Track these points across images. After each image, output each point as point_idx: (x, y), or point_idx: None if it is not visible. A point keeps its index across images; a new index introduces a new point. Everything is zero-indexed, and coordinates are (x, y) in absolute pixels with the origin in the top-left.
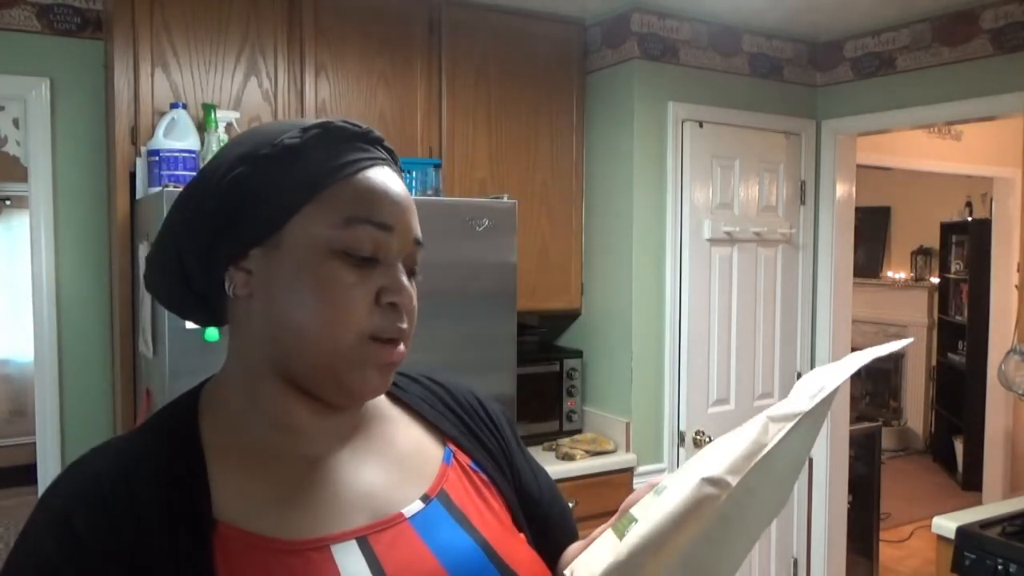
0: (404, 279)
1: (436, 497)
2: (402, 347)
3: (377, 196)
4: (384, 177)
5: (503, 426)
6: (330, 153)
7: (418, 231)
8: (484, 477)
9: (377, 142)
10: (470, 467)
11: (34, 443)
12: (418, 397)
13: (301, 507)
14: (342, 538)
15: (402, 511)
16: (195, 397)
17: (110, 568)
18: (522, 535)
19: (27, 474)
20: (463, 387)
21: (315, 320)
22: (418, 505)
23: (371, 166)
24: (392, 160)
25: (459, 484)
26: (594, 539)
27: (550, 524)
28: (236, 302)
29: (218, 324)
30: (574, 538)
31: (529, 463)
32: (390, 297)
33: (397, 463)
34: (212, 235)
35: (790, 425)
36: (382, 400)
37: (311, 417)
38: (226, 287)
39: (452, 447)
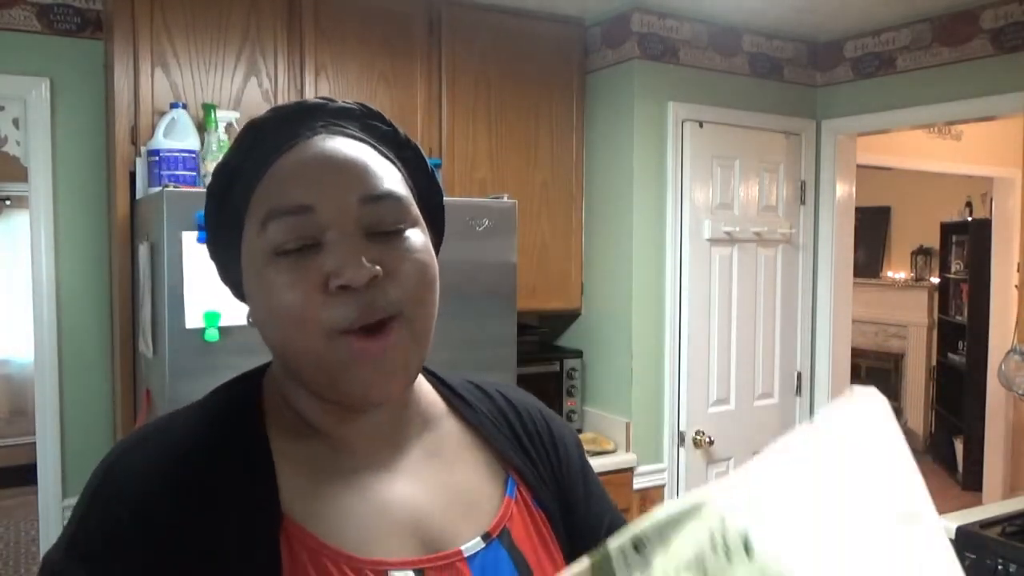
0: (354, 251)
1: (498, 537)
2: (393, 330)
3: (287, 179)
4: (304, 152)
5: (570, 457)
6: (257, 154)
7: (370, 187)
8: (544, 515)
9: (314, 112)
10: (532, 503)
11: (34, 443)
12: (487, 418)
13: (357, 523)
14: (401, 567)
15: (461, 548)
16: (258, 386)
17: (180, 548)
18: None
19: (27, 474)
20: (533, 406)
21: (279, 332)
22: (478, 544)
23: (290, 148)
24: (344, 122)
25: (521, 524)
26: None
27: None
28: (251, 327)
29: None
30: None
31: (591, 505)
32: (337, 281)
33: (456, 490)
34: (220, 272)
35: None
36: (443, 414)
37: (348, 426)
38: (247, 318)
39: (516, 479)
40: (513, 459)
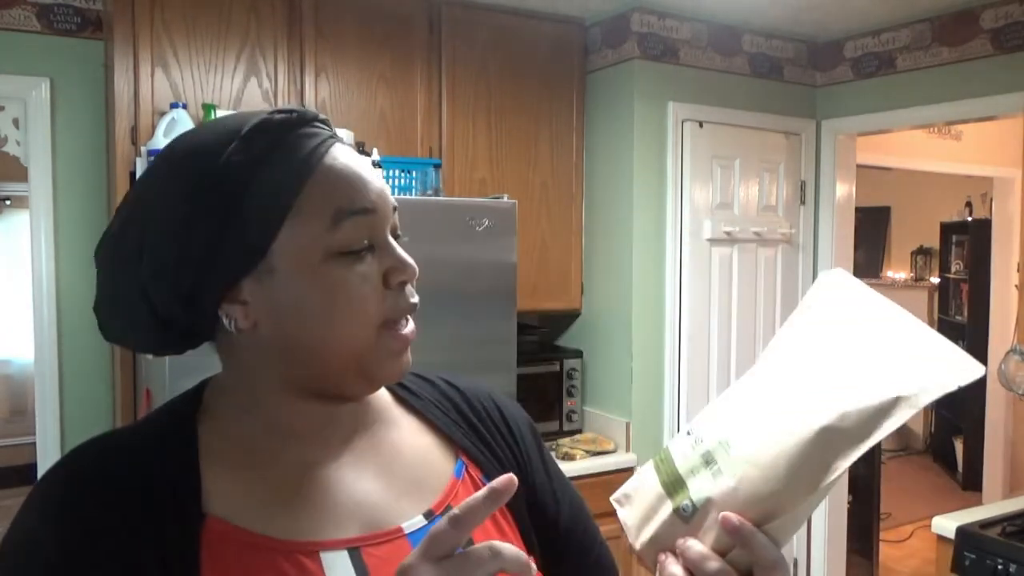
0: (403, 253)
1: (441, 514)
2: (412, 323)
3: (350, 181)
4: (345, 156)
5: (523, 435)
6: (283, 154)
7: (392, 197)
8: None
9: (314, 120)
10: (481, 482)
11: (34, 443)
12: (431, 402)
13: (294, 510)
14: (333, 546)
15: (401, 525)
16: (197, 397)
17: (99, 553)
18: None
19: (27, 474)
20: (482, 391)
21: (336, 329)
22: (420, 521)
23: (327, 149)
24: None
25: None
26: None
27: (570, 550)
28: (238, 333)
29: (194, 347)
30: (603, 568)
31: (552, 481)
32: (399, 277)
33: (401, 473)
34: (191, 283)
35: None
36: (389, 404)
37: (315, 420)
38: (226, 325)
39: (464, 459)
40: (460, 440)
